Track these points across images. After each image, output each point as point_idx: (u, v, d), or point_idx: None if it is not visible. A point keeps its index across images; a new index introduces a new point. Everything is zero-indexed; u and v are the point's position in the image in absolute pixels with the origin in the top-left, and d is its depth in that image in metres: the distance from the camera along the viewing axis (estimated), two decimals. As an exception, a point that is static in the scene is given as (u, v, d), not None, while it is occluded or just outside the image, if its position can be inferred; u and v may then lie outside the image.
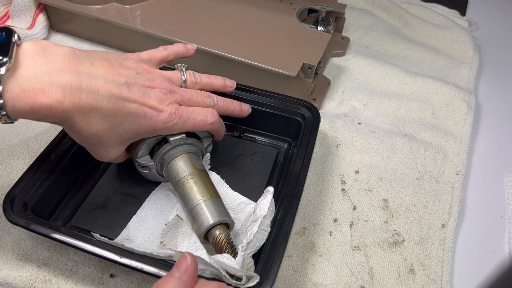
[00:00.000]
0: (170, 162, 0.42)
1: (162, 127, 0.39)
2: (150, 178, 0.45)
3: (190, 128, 0.41)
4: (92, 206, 0.44)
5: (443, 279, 0.42)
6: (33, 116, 0.32)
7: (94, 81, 0.34)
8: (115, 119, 0.36)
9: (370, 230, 0.46)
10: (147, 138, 0.41)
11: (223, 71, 0.55)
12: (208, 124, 0.42)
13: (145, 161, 0.42)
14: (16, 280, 0.40)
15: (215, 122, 0.42)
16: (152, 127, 0.38)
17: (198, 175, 0.41)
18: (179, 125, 0.40)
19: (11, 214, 0.38)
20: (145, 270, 0.35)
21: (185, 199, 0.40)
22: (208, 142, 0.46)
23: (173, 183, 0.42)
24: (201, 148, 0.45)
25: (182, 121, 0.39)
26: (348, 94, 0.61)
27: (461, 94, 0.61)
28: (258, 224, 0.35)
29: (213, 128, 0.43)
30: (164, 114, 0.38)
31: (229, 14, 0.61)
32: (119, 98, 0.35)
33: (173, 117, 0.39)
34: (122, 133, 0.37)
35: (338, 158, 0.52)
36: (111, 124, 0.36)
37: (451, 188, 0.50)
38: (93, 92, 0.34)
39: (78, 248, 0.36)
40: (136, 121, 0.37)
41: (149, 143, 0.41)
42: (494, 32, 0.76)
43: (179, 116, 0.39)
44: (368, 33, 0.72)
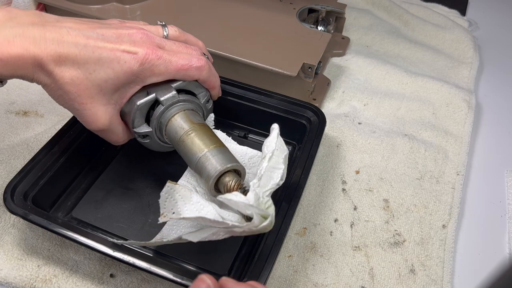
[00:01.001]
0: (168, 124, 0.40)
1: (140, 70, 0.37)
2: (155, 148, 0.43)
3: (174, 73, 0.38)
4: (93, 199, 0.45)
5: (443, 279, 0.42)
6: (6, 68, 0.33)
7: (58, 30, 0.34)
8: (87, 66, 0.35)
9: (371, 230, 0.46)
10: (136, 100, 0.39)
11: (223, 70, 0.55)
12: (195, 68, 0.39)
13: (143, 129, 0.40)
14: (16, 280, 0.40)
15: (202, 66, 0.39)
16: (130, 72, 0.36)
17: (198, 128, 0.39)
18: (160, 68, 0.37)
19: (11, 204, 0.38)
20: (136, 265, 0.35)
21: (188, 156, 0.38)
22: (205, 97, 0.43)
23: (175, 144, 0.40)
24: (199, 104, 0.42)
25: (163, 63, 0.37)
26: (348, 94, 0.61)
27: (461, 94, 0.61)
28: (267, 160, 0.33)
29: (201, 74, 0.40)
30: (139, 55, 0.36)
31: (229, 14, 0.61)
32: (87, 44, 0.35)
33: (150, 57, 0.36)
34: (100, 83, 0.36)
35: (339, 158, 0.52)
36: (85, 72, 0.35)
37: (451, 188, 0.50)
38: (57, 40, 0.34)
39: (73, 239, 0.36)
40: (110, 67, 0.35)
41: (140, 108, 0.39)
42: (494, 32, 0.76)
43: (157, 57, 0.37)
44: (368, 33, 0.72)
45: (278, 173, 0.34)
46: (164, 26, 0.41)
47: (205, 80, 0.41)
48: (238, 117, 0.51)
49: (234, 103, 0.51)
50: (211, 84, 0.42)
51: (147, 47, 0.37)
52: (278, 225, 0.38)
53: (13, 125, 0.52)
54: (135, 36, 0.37)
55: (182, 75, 0.39)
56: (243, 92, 0.50)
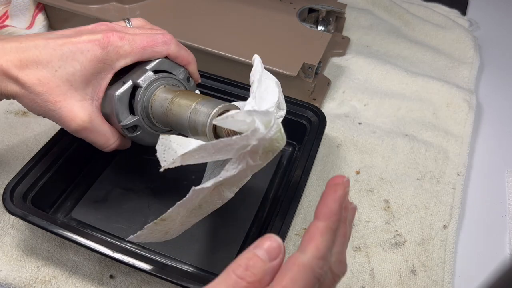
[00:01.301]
0: (152, 103, 0.38)
1: (105, 55, 0.36)
2: (149, 141, 0.40)
3: (141, 51, 0.37)
4: (92, 199, 0.45)
5: (444, 280, 0.42)
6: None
7: (17, 39, 0.35)
8: (52, 64, 0.35)
9: (371, 231, 0.46)
10: (114, 92, 0.37)
11: (223, 70, 0.55)
12: (161, 43, 0.38)
13: (130, 120, 0.38)
14: (15, 281, 0.39)
15: (168, 40, 0.39)
16: (95, 58, 0.36)
17: (181, 93, 0.37)
18: (125, 48, 0.37)
19: (10, 205, 0.38)
20: (136, 266, 0.35)
21: (180, 121, 0.36)
22: (183, 74, 0.41)
23: (164, 119, 0.38)
24: (178, 80, 0.41)
25: (127, 42, 0.37)
26: (349, 94, 0.61)
27: (462, 94, 0.61)
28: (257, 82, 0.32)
29: (169, 48, 0.39)
30: (100, 39, 0.36)
31: (229, 14, 0.61)
32: (47, 44, 0.35)
33: (112, 39, 0.36)
34: (68, 78, 0.35)
35: (339, 159, 0.52)
36: (50, 70, 0.35)
37: (452, 189, 0.50)
38: (16, 47, 0.34)
39: (72, 240, 0.36)
40: (74, 59, 0.35)
41: (120, 99, 0.38)
42: (495, 32, 0.76)
43: (120, 38, 0.36)
44: (368, 33, 0.72)
45: (274, 95, 0.33)
46: (127, 20, 0.41)
47: (175, 55, 0.40)
48: None
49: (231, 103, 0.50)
50: (184, 59, 0.41)
51: (107, 31, 0.36)
52: (278, 225, 0.38)
53: (12, 126, 0.52)
54: (95, 28, 0.37)
55: (150, 53, 0.38)
56: (242, 92, 0.50)
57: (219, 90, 0.51)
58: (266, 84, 0.34)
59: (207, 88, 0.51)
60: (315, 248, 0.24)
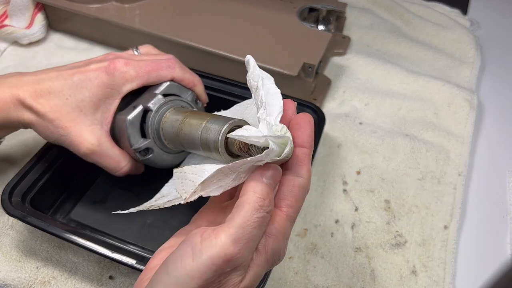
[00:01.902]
0: (163, 125, 0.39)
1: (111, 80, 0.38)
2: (162, 163, 0.41)
3: (146, 75, 0.40)
4: (91, 200, 0.44)
5: (445, 280, 0.42)
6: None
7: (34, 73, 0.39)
8: (63, 93, 0.37)
9: (372, 231, 0.45)
10: (125, 117, 0.38)
11: (223, 70, 0.55)
12: (165, 67, 0.41)
13: (142, 143, 0.39)
14: (15, 282, 0.39)
15: (172, 64, 0.41)
16: (102, 84, 0.38)
17: (191, 114, 0.38)
18: (131, 73, 0.39)
19: (9, 206, 0.38)
20: (135, 266, 0.35)
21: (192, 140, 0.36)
22: (191, 96, 0.43)
23: (176, 139, 0.38)
24: (187, 102, 0.42)
25: (133, 68, 0.39)
26: (349, 94, 0.60)
27: (463, 94, 0.60)
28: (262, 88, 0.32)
29: (174, 72, 0.41)
30: (106, 66, 0.38)
31: (229, 13, 0.61)
32: (59, 75, 0.38)
33: (117, 65, 0.38)
34: (78, 104, 0.38)
35: (340, 159, 0.52)
36: (61, 98, 0.37)
37: (453, 189, 0.50)
38: (33, 80, 0.38)
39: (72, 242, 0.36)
40: (83, 87, 0.38)
41: (132, 123, 0.39)
42: (496, 32, 0.76)
43: (125, 64, 0.39)
44: (369, 32, 0.71)
45: (278, 97, 0.32)
46: (135, 48, 0.44)
47: (181, 78, 0.42)
48: None
49: (232, 102, 0.50)
50: (190, 82, 0.43)
51: (113, 59, 0.39)
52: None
53: (11, 126, 0.52)
54: (103, 57, 0.40)
55: (155, 77, 0.40)
56: (242, 92, 0.50)
57: (219, 90, 0.51)
58: (268, 87, 0.33)
59: (207, 88, 0.50)
60: (307, 171, 0.29)
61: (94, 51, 0.63)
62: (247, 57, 0.35)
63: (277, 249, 0.28)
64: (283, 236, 0.28)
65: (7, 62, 0.61)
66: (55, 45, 0.64)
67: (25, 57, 0.62)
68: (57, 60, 0.62)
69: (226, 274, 0.25)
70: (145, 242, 0.42)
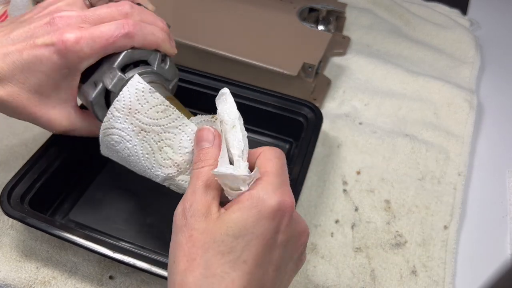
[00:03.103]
0: None
1: (65, 61, 0.34)
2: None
3: (103, 51, 0.35)
4: (90, 200, 0.44)
5: (445, 280, 0.42)
6: None
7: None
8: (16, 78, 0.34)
9: (372, 232, 0.45)
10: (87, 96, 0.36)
11: (223, 70, 0.55)
12: (122, 37, 0.35)
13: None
14: (15, 282, 0.39)
15: (130, 33, 0.35)
16: (57, 67, 0.34)
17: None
18: (85, 51, 0.34)
19: (7, 207, 0.38)
20: (136, 266, 0.35)
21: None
22: (156, 60, 0.38)
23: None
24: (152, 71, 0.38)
25: (85, 44, 0.34)
26: (349, 94, 0.60)
27: (463, 94, 0.60)
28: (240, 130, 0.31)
29: (134, 41, 0.36)
30: (55, 45, 0.34)
31: (229, 13, 0.61)
32: (7, 54, 0.34)
33: (68, 43, 0.33)
34: (37, 89, 0.35)
35: (340, 159, 0.52)
36: (17, 84, 0.34)
37: (453, 189, 0.50)
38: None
39: (72, 242, 0.36)
40: (37, 70, 0.34)
41: (96, 103, 0.36)
42: (496, 32, 0.76)
43: (75, 41, 0.33)
44: (369, 32, 0.71)
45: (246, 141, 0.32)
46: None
47: (141, 44, 0.37)
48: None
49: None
50: (152, 45, 0.37)
51: (60, 33, 0.34)
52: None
53: (11, 126, 0.52)
54: (49, 25, 0.35)
55: (113, 49, 0.36)
56: (238, 90, 0.50)
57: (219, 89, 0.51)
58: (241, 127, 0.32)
59: (207, 88, 0.51)
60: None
61: (94, 51, 0.63)
62: (224, 89, 0.34)
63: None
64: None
65: (7, 62, 0.61)
66: (55, 45, 0.64)
67: (25, 57, 0.62)
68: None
69: None
70: (145, 242, 0.42)
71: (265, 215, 0.27)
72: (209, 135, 0.32)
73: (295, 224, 0.29)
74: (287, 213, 0.28)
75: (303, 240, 0.30)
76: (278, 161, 0.30)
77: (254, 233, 0.27)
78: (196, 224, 0.27)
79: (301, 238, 0.30)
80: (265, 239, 0.27)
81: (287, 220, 0.28)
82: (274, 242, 0.28)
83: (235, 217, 0.27)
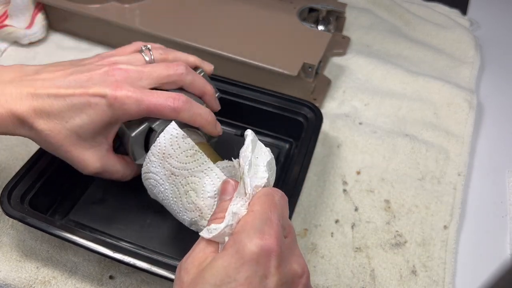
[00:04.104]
0: None
1: (111, 112, 0.35)
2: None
3: (147, 113, 0.36)
4: (90, 201, 0.44)
5: (445, 280, 0.42)
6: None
7: (34, 83, 0.35)
8: (62, 115, 0.35)
9: (372, 231, 0.45)
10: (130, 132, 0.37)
11: (223, 70, 0.55)
12: (169, 110, 0.36)
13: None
14: (15, 281, 0.39)
15: (178, 108, 0.36)
16: (102, 114, 0.35)
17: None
18: (132, 108, 0.35)
19: (8, 207, 0.38)
20: (137, 266, 0.35)
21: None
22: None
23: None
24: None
25: (134, 102, 0.35)
26: (349, 94, 0.60)
27: (463, 94, 0.60)
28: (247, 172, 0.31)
29: (179, 116, 0.37)
30: (107, 96, 0.35)
31: (229, 13, 0.61)
32: (58, 94, 0.35)
33: (119, 97, 0.35)
34: (77, 130, 0.36)
35: (340, 159, 0.52)
36: (61, 121, 0.35)
37: (453, 189, 0.50)
38: (32, 94, 0.35)
39: (72, 242, 0.36)
40: (83, 112, 0.35)
41: (135, 140, 0.38)
42: (496, 32, 0.76)
43: (127, 97, 0.35)
44: (368, 32, 0.72)
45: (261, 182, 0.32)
46: (145, 50, 0.40)
47: (187, 121, 0.38)
48: (234, 115, 0.51)
49: (229, 102, 0.50)
50: (197, 124, 0.38)
51: (114, 87, 0.35)
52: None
53: (11, 126, 0.52)
54: (107, 75, 0.36)
55: (156, 115, 0.37)
56: (239, 90, 0.50)
57: (219, 89, 0.51)
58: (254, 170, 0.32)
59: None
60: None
61: (94, 51, 0.63)
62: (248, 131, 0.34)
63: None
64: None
65: (7, 62, 0.61)
66: (56, 45, 0.64)
67: (25, 57, 0.62)
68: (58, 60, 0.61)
69: None
70: (145, 242, 0.42)
71: (247, 260, 0.26)
72: (229, 188, 0.32)
73: (290, 265, 0.28)
74: (273, 254, 0.26)
75: (305, 282, 0.28)
76: (266, 199, 0.29)
77: (238, 280, 0.25)
78: (185, 277, 0.27)
79: (300, 280, 0.28)
80: (252, 285, 0.25)
81: (276, 262, 0.26)
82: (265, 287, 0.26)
83: (217, 265, 0.26)
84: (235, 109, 0.50)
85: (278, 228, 0.28)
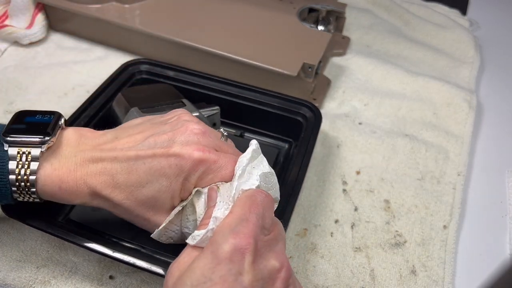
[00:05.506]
0: None
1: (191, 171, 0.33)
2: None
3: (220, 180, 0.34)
4: None
5: (445, 280, 0.42)
6: (62, 195, 0.33)
7: (113, 153, 0.33)
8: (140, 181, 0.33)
9: (372, 231, 0.45)
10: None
11: (223, 70, 0.55)
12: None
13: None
14: (15, 281, 0.39)
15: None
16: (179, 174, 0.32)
17: None
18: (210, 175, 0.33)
19: (8, 207, 0.37)
20: (137, 265, 0.35)
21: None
22: None
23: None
24: None
25: (218, 167, 0.33)
26: (349, 94, 0.60)
27: (462, 94, 0.60)
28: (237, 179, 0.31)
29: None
30: (193, 156, 0.32)
31: (229, 13, 0.61)
32: (138, 158, 0.32)
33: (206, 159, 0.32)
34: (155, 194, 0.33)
35: (339, 159, 0.52)
36: (138, 187, 0.33)
37: (452, 189, 0.50)
38: (110, 169, 0.33)
39: (73, 242, 0.36)
40: (163, 174, 0.32)
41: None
42: (495, 32, 0.76)
43: (214, 161, 0.33)
44: (368, 32, 0.72)
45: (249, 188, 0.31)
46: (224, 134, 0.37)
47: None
48: (234, 115, 0.51)
49: (229, 102, 0.50)
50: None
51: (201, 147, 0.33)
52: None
53: (12, 126, 0.52)
54: (190, 134, 0.33)
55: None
56: (238, 91, 0.50)
57: (218, 90, 0.51)
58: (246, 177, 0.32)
59: (207, 88, 0.51)
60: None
61: (94, 51, 0.64)
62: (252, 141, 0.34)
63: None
64: None
65: (7, 62, 0.61)
66: (56, 45, 0.64)
67: (25, 57, 0.62)
68: (58, 60, 0.62)
69: None
70: (145, 242, 0.42)
71: (222, 259, 0.26)
72: (214, 194, 0.32)
73: (266, 261, 0.28)
74: (247, 252, 0.26)
75: (284, 276, 0.28)
76: (247, 199, 0.30)
77: (213, 280, 0.26)
78: (170, 280, 0.28)
79: (278, 274, 0.28)
80: (227, 283, 0.26)
81: (251, 259, 0.27)
82: (240, 285, 0.26)
83: (194, 267, 0.27)
84: (235, 110, 0.51)
85: (255, 226, 0.28)
